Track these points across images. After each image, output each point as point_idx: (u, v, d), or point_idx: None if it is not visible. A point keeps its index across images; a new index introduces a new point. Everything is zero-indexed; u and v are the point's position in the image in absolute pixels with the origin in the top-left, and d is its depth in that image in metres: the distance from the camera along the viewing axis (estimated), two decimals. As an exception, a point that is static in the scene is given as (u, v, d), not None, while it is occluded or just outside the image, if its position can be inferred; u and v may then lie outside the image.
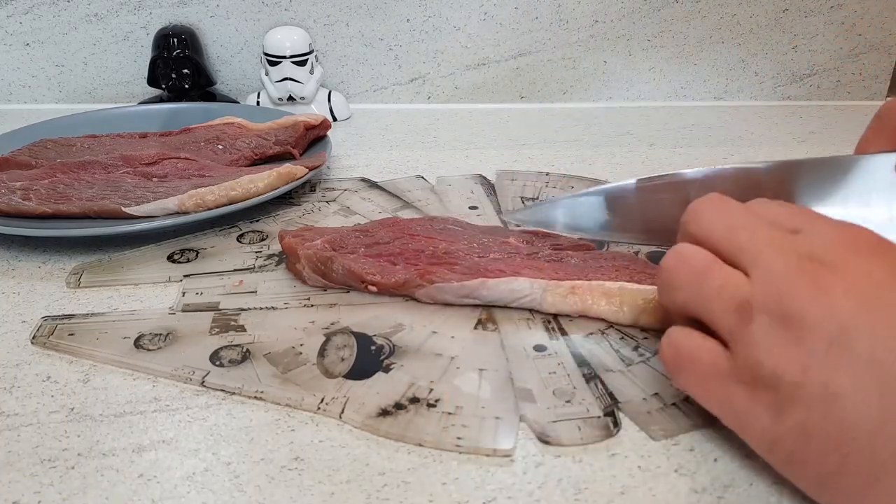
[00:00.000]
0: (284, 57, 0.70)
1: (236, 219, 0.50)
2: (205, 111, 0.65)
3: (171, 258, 0.45)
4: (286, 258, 0.42)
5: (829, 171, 0.35)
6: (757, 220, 0.28)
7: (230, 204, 0.47)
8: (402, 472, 0.28)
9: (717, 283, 0.27)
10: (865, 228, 0.28)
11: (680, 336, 0.29)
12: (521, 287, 0.37)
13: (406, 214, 0.50)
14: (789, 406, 0.24)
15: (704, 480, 0.28)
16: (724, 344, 0.27)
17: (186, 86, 0.73)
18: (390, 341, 0.36)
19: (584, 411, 0.31)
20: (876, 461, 0.23)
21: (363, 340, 0.36)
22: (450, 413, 0.31)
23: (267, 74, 0.72)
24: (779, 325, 0.25)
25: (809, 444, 0.24)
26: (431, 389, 0.32)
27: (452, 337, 0.36)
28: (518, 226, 0.45)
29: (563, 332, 0.37)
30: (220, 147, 0.58)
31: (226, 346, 0.36)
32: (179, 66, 0.72)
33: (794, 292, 0.25)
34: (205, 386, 0.33)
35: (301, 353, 0.35)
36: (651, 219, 0.39)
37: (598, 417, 0.31)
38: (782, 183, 0.36)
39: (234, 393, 0.33)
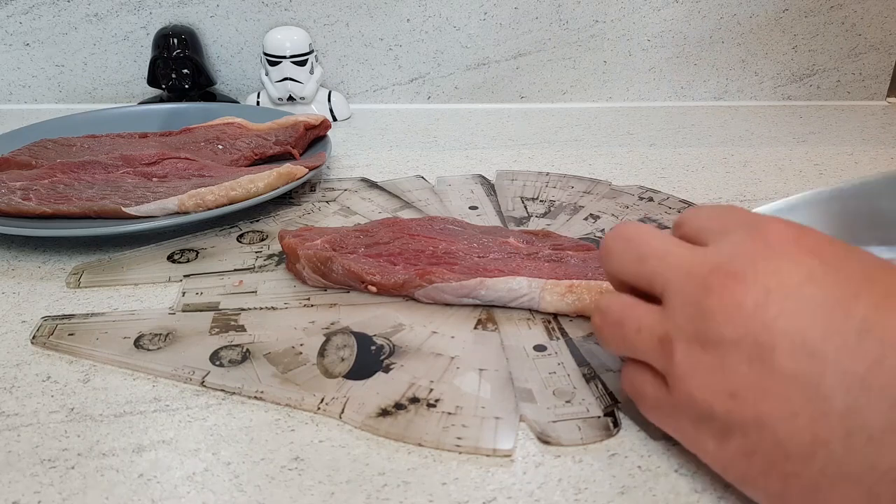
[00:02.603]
0: (284, 57, 0.70)
1: (236, 219, 0.50)
2: (205, 111, 0.65)
3: (171, 258, 0.45)
4: (286, 258, 0.42)
5: None
6: (668, 244, 0.27)
7: (230, 204, 0.47)
8: (402, 472, 0.28)
9: (635, 328, 0.27)
10: (777, 222, 0.26)
11: (631, 372, 0.29)
12: (519, 286, 0.37)
13: (406, 214, 0.50)
14: (728, 433, 0.24)
15: (704, 480, 0.28)
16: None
17: (186, 86, 0.73)
18: (390, 341, 0.36)
19: (584, 411, 0.31)
20: (814, 483, 0.22)
21: (363, 340, 0.36)
22: (450, 413, 0.31)
23: (267, 74, 0.72)
24: (699, 351, 0.24)
25: (753, 467, 0.24)
26: (431, 389, 0.32)
27: (452, 337, 0.36)
28: None
29: (564, 332, 0.37)
30: (220, 147, 0.58)
31: (226, 346, 0.36)
32: (179, 66, 0.72)
33: (704, 315, 0.24)
34: (205, 386, 0.33)
35: (301, 353, 0.35)
36: None
37: (598, 417, 0.31)
38: None
39: (234, 393, 0.33)
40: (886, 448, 0.21)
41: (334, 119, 0.74)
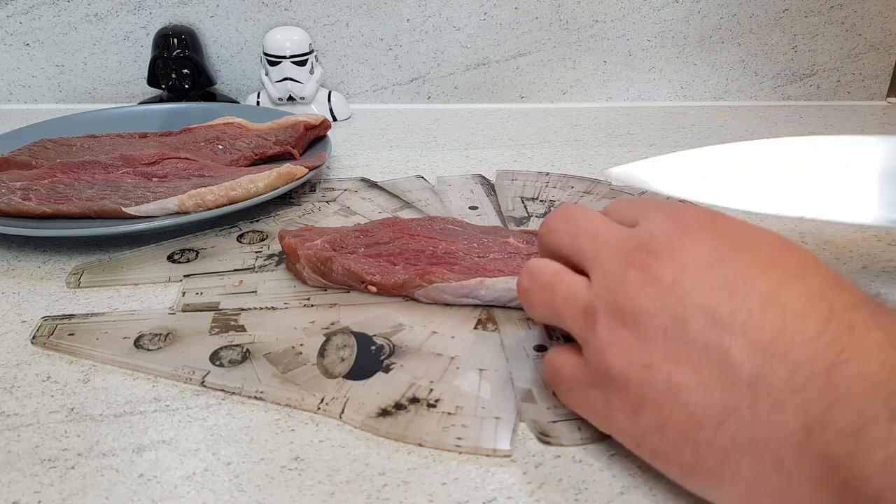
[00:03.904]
0: (284, 57, 0.70)
1: (236, 219, 0.50)
2: (205, 111, 0.65)
3: (171, 258, 0.45)
4: (286, 258, 0.42)
5: None
6: (600, 223, 0.29)
7: (230, 204, 0.47)
8: (402, 472, 0.28)
9: (564, 293, 0.28)
10: (694, 207, 0.28)
11: (552, 354, 0.30)
12: (521, 287, 0.37)
13: (406, 214, 0.50)
14: (640, 406, 0.25)
15: (704, 480, 0.28)
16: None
17: (186, 86, 0.73)
18: (390, 341, 0.36)
19: (584, 411, 0.31)
20: (724, 450, 0.23)
21: (363, 340, 0.36)
22: (450, 413, 0.31)
23: (267, 74, 0.72)
24: (619, 324, 0.26)
25: (666, 439, 0.25)
26: (431, 389, 0.32)
27: (452, 337, 0.36)
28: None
29: (563, 332, 0.37)
30: (220, 147, 0.58)
31: (226, 346, 0.36)
32: (179, 66, 0.72)
33: (626, 288, 0.26)
34: (205, 386, 0.33)
35: (301, 353, 0.35)
36: None
37: (598, 417, 0.31)
38: None
39: (234, 393, 0.33)
40: (788, 412, 0.22)
41: (334, 119, 0.74)
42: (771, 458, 0.22)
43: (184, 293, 0.41)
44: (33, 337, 0.37)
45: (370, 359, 0.35)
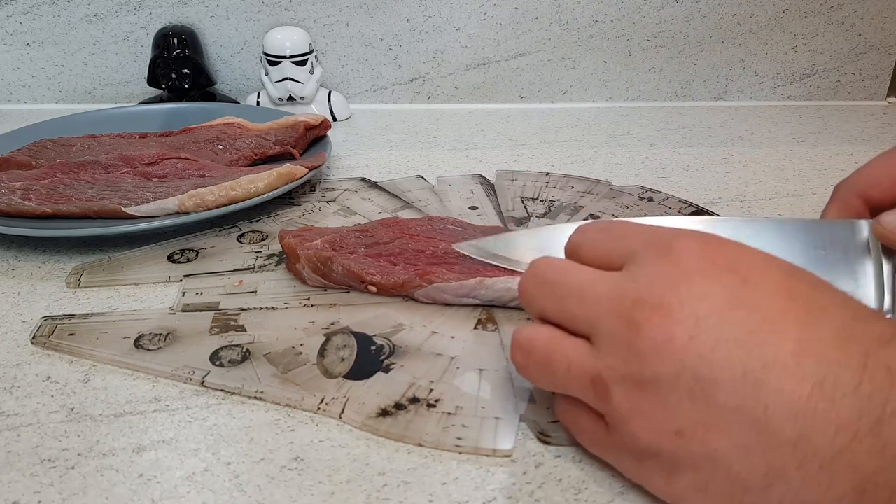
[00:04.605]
0: (284, 57, 0.70)
1: (236, 219, 0.50)
2: (205, 111, 0.65)
3: (171, 258, 0.45)
4: (286, 258, 0.42)
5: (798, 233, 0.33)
6: (583, 278, 0.26)
7: (230, 204, 0.47)
8: (402, 472, 0.28)
9: (564, 367, 0.26)
10: (681, 238, 0.25)
11: (564, 406, 0.28)
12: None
13: (406, 214, 0.50)
14: (677, 469, 0.24)
15: (704, 480, 0.28)
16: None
17: (186, 86, 0.73)
18: (390, 341, 0.36)
19: (584, 411, 0.31)
20: None
21: (363, 340, 0.36)
22: (450, 413, 0.31)
23: (267, 74, 0.72)
24: (637, 392, 0.24)
25: (709, 499, 0.23)
26: (431, 389, 0.32)
27: (452, 337, 0.36)
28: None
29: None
30: (220, 147, 0.58)
31: (226, 346, 0.36)
32: (179, 66, 0.72)
33: (636, 353, 0.23)
34: (205, 386, 0.33)
35: (301, 353, 0.35)
36: None
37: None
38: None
39: (234, 393, 0.33)
40: (838, 474, 0.21)
41: (334, 119, 0.74)
42: None
43: (184, 293, 0.41)
44: (33, 337, 0.37)
45: (370, 359, 0.35)
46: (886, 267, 0.32)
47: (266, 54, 0.71)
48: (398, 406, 0.31)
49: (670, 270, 0.24)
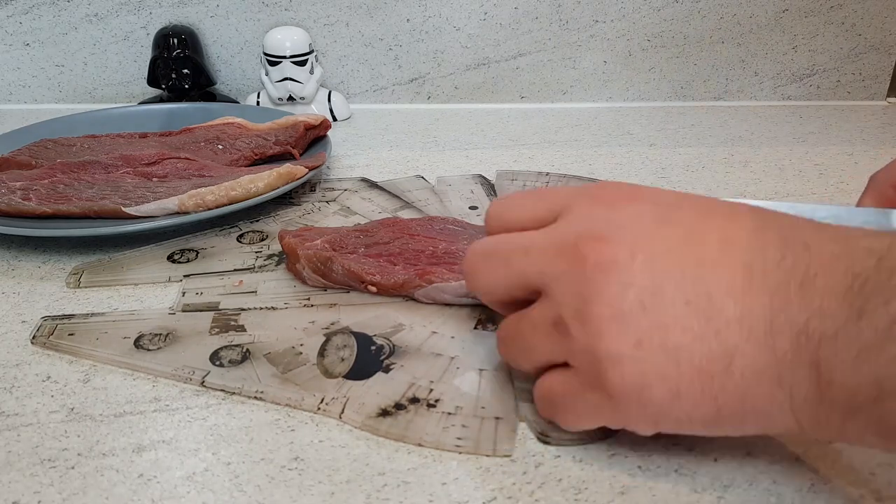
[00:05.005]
0: (284, 57, 0.70)
1: (236, 219, 0.50)
2: (205, 111, 0.65)
3: (171, 258, 0.45)
4: (286, 258, 0.42)
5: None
6: (524, 239, 0.28)
7: (230, 204, 0.47)
8: (402, 472, 0.28)
9: (530, 330, 0.28)
10: (605, 185, 0.28)
11: (538, 385, 0.29)
12: (521, 287, 0.37)
13: (406, 214, 0.50)
14: (647, 384, 0.25)
15: (704, 480, 0.28)
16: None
17: (186, 86, 0.73)
18: (390, 341, 0.36)
19: (584, 411, 0.31)
20: (740, 390, 0.24)
21: (363, 340, 0.36)
22: (450, 413, 0.31)
23: (267, 74, 0.72)
24: (592, 317, 0.25)
25: (684, 404, 0.25)
26: (431, 389, 0.32)
27: (452, 337, 0.36)
28: None
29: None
30: (220, 147, 0.58)
31: (226, 346, 0.36)
32: (179, 66, 0.72)
33: (588, 280, 0.25)
34: (205, 386, 0.33)
35: (301, 353, 0.35)
36: None
37: (598, 417, 0.31)
38: None
39: (234, 393, 0.33)
40: (779, 334, 0.23)
41: (334, 119, 0.74)
42: (776, 380, 0.23)
43: (184, 293, 0.41)
44: (33, 337, 0.37)
45: (370, 359, 0.35)
46: None
47: (266, 54, 0.71)
48: (398, 406, 0.31)
49: (602, 208, 0.27)
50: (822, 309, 0.22)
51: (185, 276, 0.43)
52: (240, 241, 0.47)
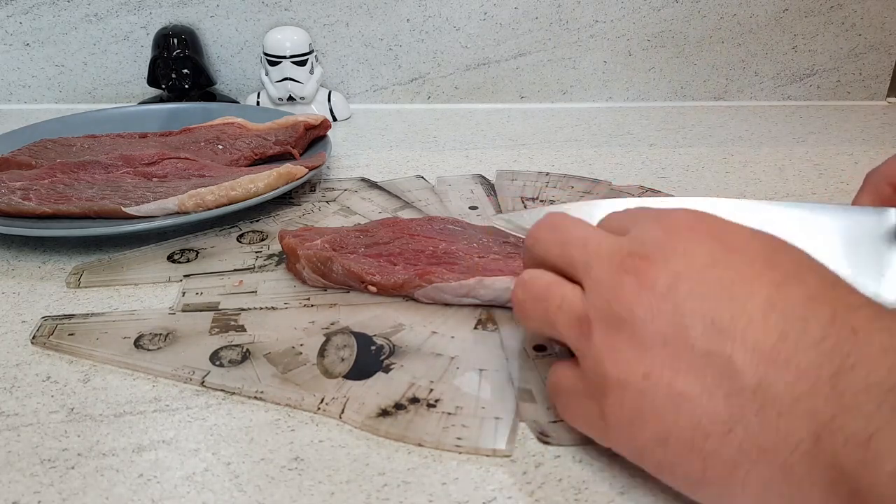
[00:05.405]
0: (284, 57, 0.70)
1: (236, 219, 0.50)
2: (205, 111, 0.65)
3: (171, 258, 0.45)
4: (286, 258, 0.42)
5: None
6: (589, 232, 0.28)
7: (230, 204, 0.47)
8: (402, 472, 0.28)
9: (557, 303, 0.27)
10: (680, 210, 0.27)
11: (552, 369, 0.29)
12: (521, 287, 0.37)
13: (406, 214, 0.50)
14: (641, 417, 0.24)
15: (704, 480, 0.28)
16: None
17: (186, 86, 0.73)
18: (390, 341, 0.36)
19: (584, 411, 0.31)
20: (733, 460, 0.23)
21: (363, 340, 0.36)
22: (450, 413, 0.31)
23: (267, 74, 0.72)
24: (615, 331, 0.25)
25: (670, 451, 0.24)
26: (431, 389, 0.32)
27: (452, 337, 0.36)
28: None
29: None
30: (220, 147, 0.58)
31: (226, 346, 0.36)
32: (179, 66, 0.72)
33: (620, 295, 0.25)
34: (205, 386, 0.33)
35: (301, 353, 0.35)
36: None
37: (598, 417, 0.31)
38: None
39: (234, 393, 0.33)
40: (795, 420, 0.21)
41: (334, 119, 0.74)
42: (781, 467, 0.22)
43: (184, 293, 0.41)
44: (33, 337, 0.37)
45: (370, 359, 0.35)
46: None
47: (266, 54, 0.71)
48: (398, 406, 0.31)
49: (663, 232, 0.26)
50: (856, 407, 0.20)
51: (185, 276, 0.43)
52: (240, 241, 0.47)
